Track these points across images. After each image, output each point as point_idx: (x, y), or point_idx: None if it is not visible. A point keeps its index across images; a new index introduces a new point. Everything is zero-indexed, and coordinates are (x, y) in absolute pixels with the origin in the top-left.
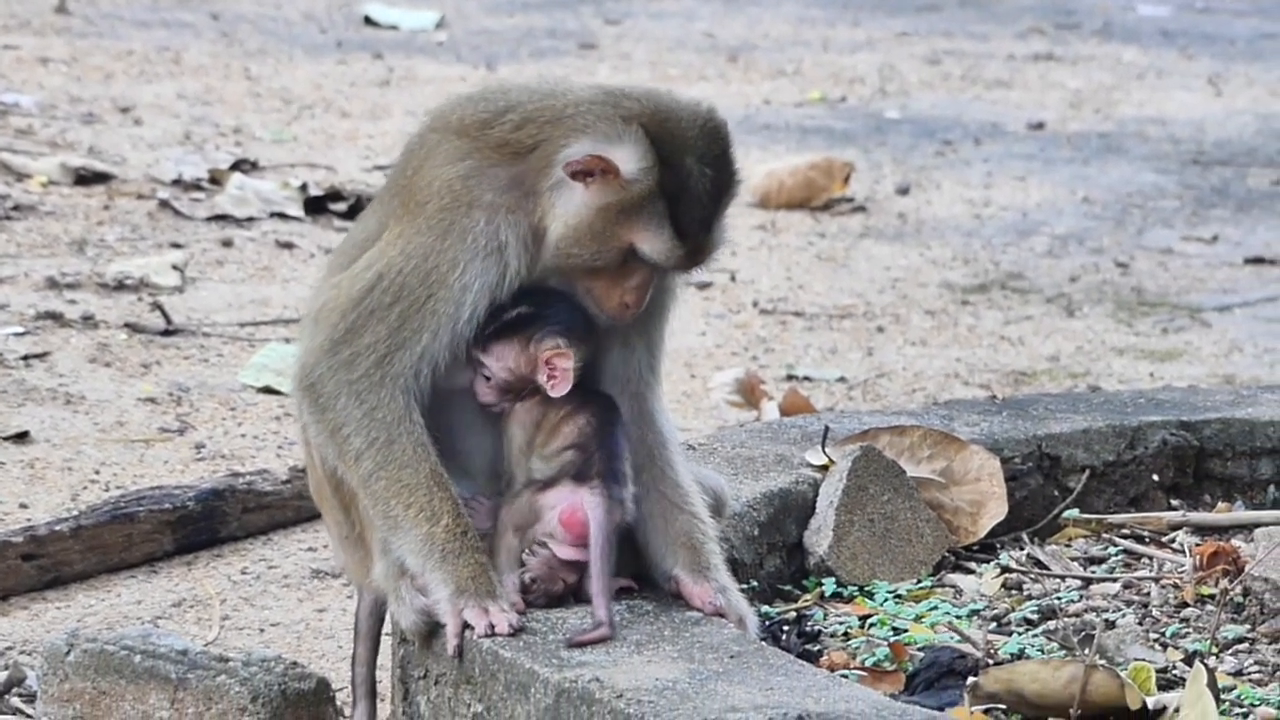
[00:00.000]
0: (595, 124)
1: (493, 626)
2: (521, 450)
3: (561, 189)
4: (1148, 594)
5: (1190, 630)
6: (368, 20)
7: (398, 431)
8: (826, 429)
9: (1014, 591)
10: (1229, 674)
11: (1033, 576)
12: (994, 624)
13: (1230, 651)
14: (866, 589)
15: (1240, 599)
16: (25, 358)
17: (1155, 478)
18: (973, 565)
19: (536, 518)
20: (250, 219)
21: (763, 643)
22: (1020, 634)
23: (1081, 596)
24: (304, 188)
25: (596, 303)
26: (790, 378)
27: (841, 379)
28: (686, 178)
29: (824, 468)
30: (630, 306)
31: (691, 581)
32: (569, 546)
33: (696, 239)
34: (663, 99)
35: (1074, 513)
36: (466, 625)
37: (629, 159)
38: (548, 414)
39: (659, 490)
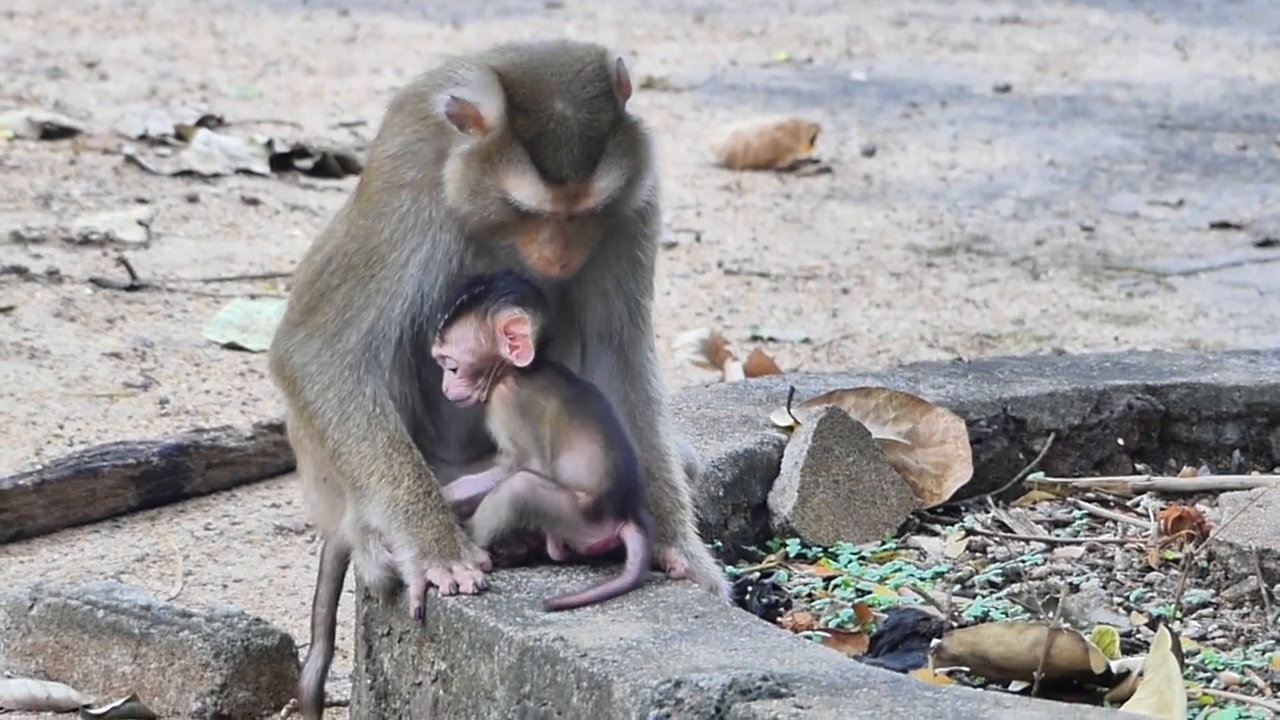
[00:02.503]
0: (466, 78)
1: (457, 585)
2: (513, 433)
3: (454, 154)
4: (1112, 558)
5: (1154, 595)
6: None
7: (350, 407)
8: (792, 390)
9: (978, 554)
10: (1193, 639)
11: (997, 539)
12: (958, 586)
13: (1194, 616)
14: (831, 550)
15: (1205, 564)
16: None
17: (1120, 442)
18: (937, 528)
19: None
20: (216, 175)
21: (727, 604)
22: (984, 597)
23: (1046, 560)
24: (270, 144)
25: (525, 264)
26: (755, 338)
27: (806, 340)
28: (546, 121)
29: (789, 429)
30: (553, 260)
31: (660, 548)
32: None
33: (567, 183)
34: (542, 49)
35: (1039, 476)
36: (431, 585)
37: (488, 104)
38: (534, 398)
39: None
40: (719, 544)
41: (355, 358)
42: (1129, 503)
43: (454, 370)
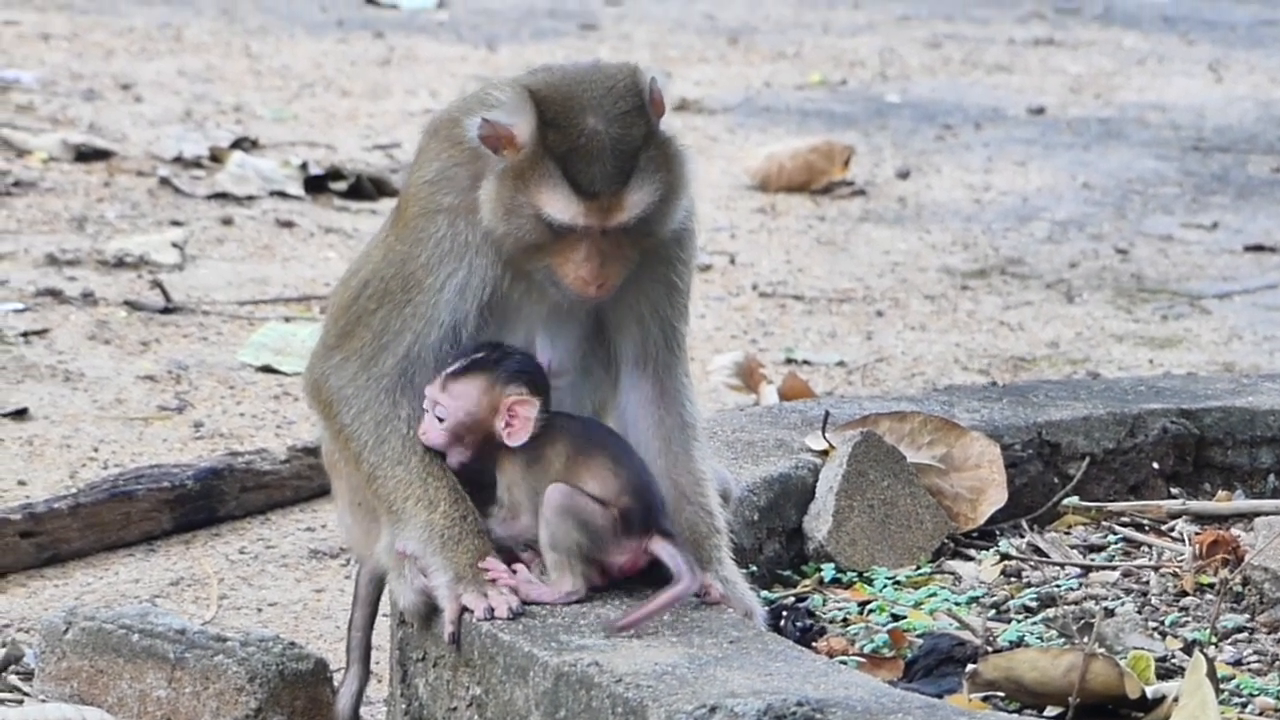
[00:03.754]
0: (499, 99)
1: (492, 610)
2: (511, 485)
3: (489, 176)
4: (1147, 582)
5: (1189, 619)
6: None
7: (386, 430)
8: (827, 414)
9: (1013, 579)
10: (1228, 663)
11: (1032, 564)
12: (993, 611)
13: (1229, 641)
14: (866, 575)
15: (1240, 588)
16: (25, 334)
17: (1155, 466)
18: (972, 552)
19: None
20: (250, 197)
21: (762, 629)
22: (1019, 621)
23: (1081, 584)
24: (304, 166)
25: (558, 285)
26: (789, 361)
27: (840, 363)
28: (577, 136)
29: (824, 453)
30: (589, 280)
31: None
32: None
33: (599, 197)
34: (575, 69)
35: (1074, 500)
36: (465, 609)
37: (520, 124)
38: (541, 451)
39: (672, 478)
40: (754, 568)
41: (391, 381)
42: (1164, 527)
43: (439, 420)
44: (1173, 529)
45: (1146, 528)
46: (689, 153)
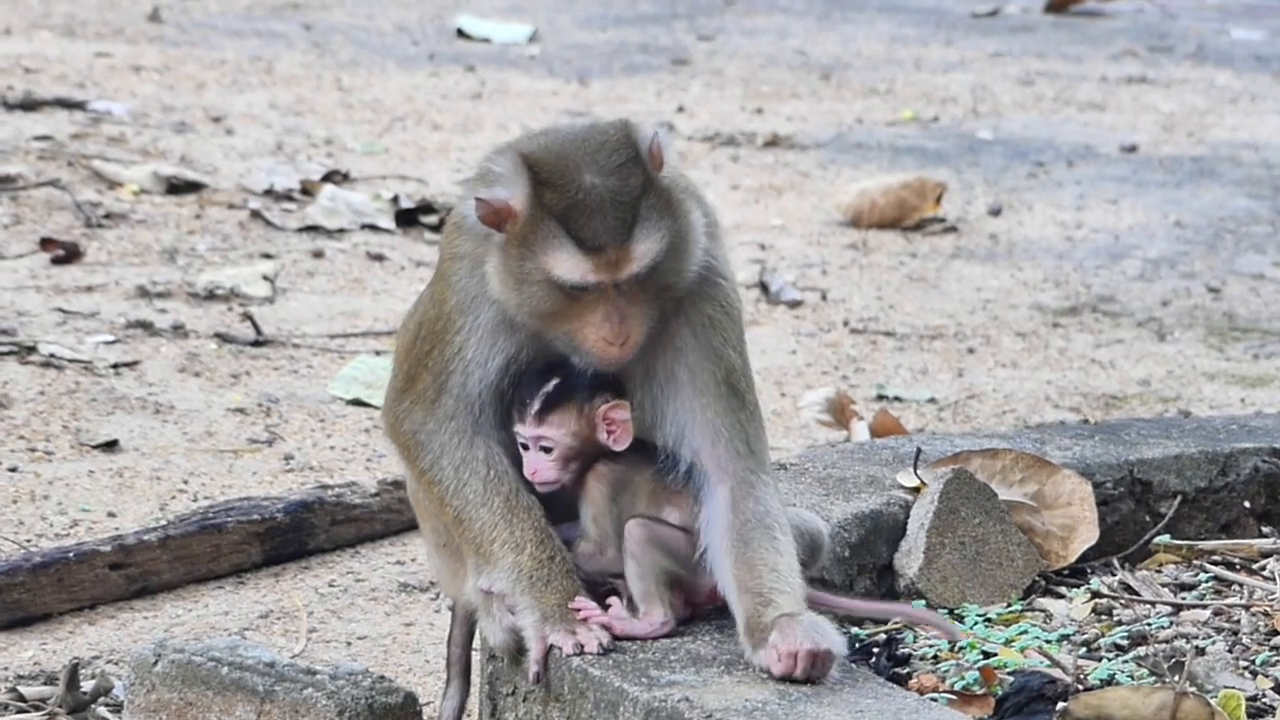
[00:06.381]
0: (496, 171)
1: (582, 645)
2: (599, 515)
3: (493, 251)
4: (1238, 621)
5: None
6: (460, 33)
7: (465, 474)
8: (918, 451)
9: (1104, 617)
10: None
11: (1123, 602)
12: (1084, 649)
13: None
14: (956, 612)
15: None
16: (115, 366)
17: (1247, 504)
18: (1063, 590)
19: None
20: (341, 230)
21: (852, 665)
22: (1110, 660)
23: (1172, 623)
24: (395, 200)
25: (581, 352)
26: (880, 398)
27: (932, 400)
28: (575, 192)
29: (915, 490)
30: (611, 340)
31: (763, 648)
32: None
33: (606, 250)
34: (569, 130)
35: (1165, 538)
36: (553, 648)
37: (516, 192)
38: (628, 475)
39: (734, 574)
40: None
41: (460, 422)
42: (1255, 566)
43: (546, 451)
44: (1264, 568)
45: (1238, 566)
46: (692, 201)
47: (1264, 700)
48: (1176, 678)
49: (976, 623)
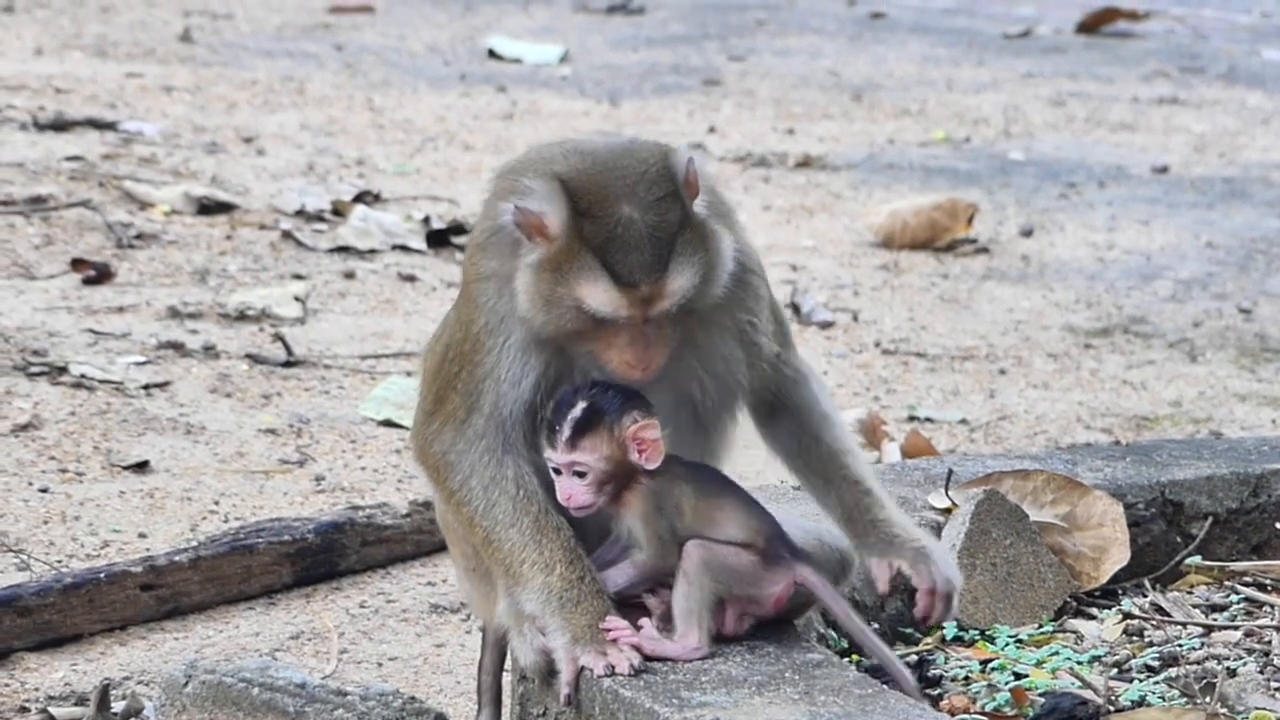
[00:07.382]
0: (529, 184)
1: (613, 666)
2: (652, 527)
3: (523, 259)
4: (1269, 642)
5: None
6: (491, 54)
7: (495, 494)
8: (950, 472)
9: (1135, 638)
10: None
11: (1154, 623)
12: (1115, 670)
13: None
14: (988, 633)
15: None
16: (146, 387)
17: (1278, 525)
18: (1094, 611)
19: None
20: (372, 251)
21: (884, 686)
22: (1141, 681)
23: (1203, 644)
24: (426, 220)
25: (602, 369)
26: (912, 419)
27: (963, 421)
28: (614, 226)
29: (947, 511)
30: (634, 364)
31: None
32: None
33: (640, 286)
34: (606, 152)
35: (1196, 559)
36: (584, 669)
37: (552, 214)
38: (668, 490)
39: (814, 470)
40: (876, 626)
41: (490, 442)
42: None
43: (580, 476)
44: None
45: (1269, 587)
46: (724, 230)
47: None
48: (1208, 699)
49: (1008, 644)
